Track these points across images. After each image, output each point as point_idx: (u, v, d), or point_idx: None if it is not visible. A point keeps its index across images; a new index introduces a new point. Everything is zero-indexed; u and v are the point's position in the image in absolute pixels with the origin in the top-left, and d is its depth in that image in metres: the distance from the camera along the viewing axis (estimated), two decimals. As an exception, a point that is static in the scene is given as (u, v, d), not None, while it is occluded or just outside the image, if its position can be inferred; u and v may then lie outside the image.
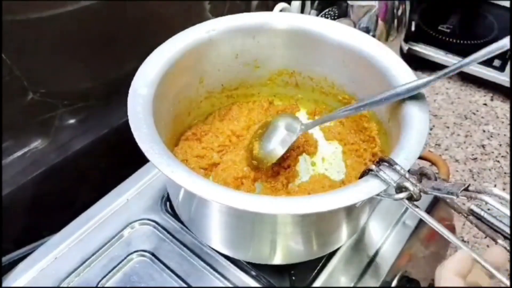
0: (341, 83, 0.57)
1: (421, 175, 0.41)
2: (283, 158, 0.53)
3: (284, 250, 0.49)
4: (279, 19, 0.57)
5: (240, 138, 0.57)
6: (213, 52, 0.55)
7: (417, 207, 0.39)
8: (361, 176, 0.42)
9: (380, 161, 0.41)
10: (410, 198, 0.39)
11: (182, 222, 0.55)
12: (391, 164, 0.40)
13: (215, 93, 0.60)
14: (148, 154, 0.40)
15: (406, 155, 0.41)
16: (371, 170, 0.40)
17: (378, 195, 0.39)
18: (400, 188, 0.39)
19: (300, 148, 0.56)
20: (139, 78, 0.47)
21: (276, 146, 0.52)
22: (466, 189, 0.36)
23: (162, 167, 0.39)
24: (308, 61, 0.59)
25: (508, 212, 0.33)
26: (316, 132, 0.59)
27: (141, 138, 0.41)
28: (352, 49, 0.54)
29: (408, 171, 0.39)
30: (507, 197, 0.34)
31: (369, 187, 0.39)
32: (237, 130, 0.57)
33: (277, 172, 0.54)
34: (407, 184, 0.39)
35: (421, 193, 0.39)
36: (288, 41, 0.57)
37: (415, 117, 0.45)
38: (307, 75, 0.60)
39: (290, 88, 0.62)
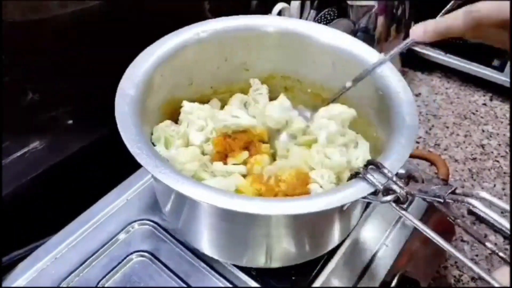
0: (331, 87, 0.57)
1: (409, 178, 0.41)
2: None
3: (276, 254, 0.48)
4: (268, 22, 0.57)
5: None
6: (202, 54, 0.55)
7: (404, 209, 0.38)
8: (350, 179, 0.42)
9: (368, 164, 0.41)
10: (397, 201, 0.38)
11: (182, 222, 0.55)
12: (378, 167, 0.40)
13: (205, 95, 0.59)
14: (135, 155, 0.39)
15: (395, 157, 0.41)
16: (359, 173, 0.41)
17: (364, 198, 0.39)
18: (387, 191, 0.39)
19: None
20: (127, 79, 0.47)
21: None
22: (453, 192, 0.36)
23: (150, 167, 0.39)
24: (297, 65, 0.58)
25: (495, 216, 0.33)
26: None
27: (128, 138, 0.41)
28: (342, 52, 0.54)
29: (396, 174, 0.39)
30: (494, 200, 0.34)
31: (356, 190, 0.39)
32: None
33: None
34: (394, 187, 0.38)
35: (408, 196, 0.38)
36: (277, 44, 0.57)
37: (405, 115, 0.45)
38: (296, 79, 0.59)
39: (279, 91, 0.61)
